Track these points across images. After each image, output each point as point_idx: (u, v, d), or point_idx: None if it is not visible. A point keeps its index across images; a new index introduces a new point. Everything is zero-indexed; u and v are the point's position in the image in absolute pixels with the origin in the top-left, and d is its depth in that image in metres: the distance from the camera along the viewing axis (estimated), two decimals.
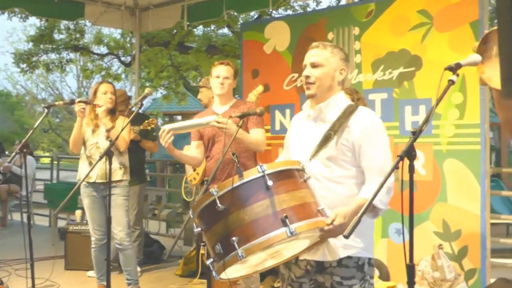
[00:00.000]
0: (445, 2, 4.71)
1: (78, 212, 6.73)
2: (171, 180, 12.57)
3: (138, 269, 6.05)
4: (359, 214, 1.96)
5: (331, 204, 2.48)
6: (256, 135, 4.05)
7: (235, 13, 7.60)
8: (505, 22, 1.44)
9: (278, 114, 5.81)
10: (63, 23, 11.71)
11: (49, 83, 29.62)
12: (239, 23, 10.79)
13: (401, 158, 2.01)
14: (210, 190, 2.30)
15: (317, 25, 5.50)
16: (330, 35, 5.39)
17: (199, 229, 2.36)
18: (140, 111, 5.75)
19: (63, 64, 12.48)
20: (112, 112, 4.88)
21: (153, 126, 5.75)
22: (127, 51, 12.42)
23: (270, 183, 2.25)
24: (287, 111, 5.71)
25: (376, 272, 4.84)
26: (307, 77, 2.67)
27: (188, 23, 7.21)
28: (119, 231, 4.84)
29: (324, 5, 10.42)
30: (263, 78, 5.85)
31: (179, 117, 21.93)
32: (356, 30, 5.22)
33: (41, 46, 11.78)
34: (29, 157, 9.72)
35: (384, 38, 5.02)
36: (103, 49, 13.10)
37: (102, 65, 13.10)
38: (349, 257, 2.57)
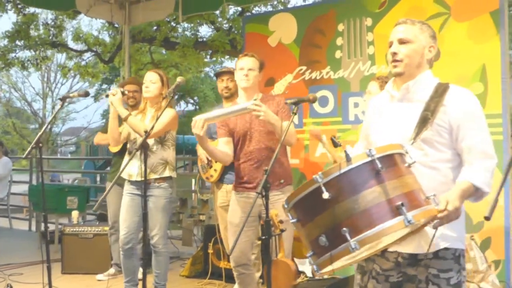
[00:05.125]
0: None
1: (74, 213, 6.46)
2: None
3: (141, 270, 5.83)
4: (496, 195, 1.85)
5: (425, 190, 2.36)
6: (290, 127, 3.89)
7: (234, 6, 7.45)
8: None
9: None
10: (41, 19, 11.39)
11: (11, 83, 28.77)
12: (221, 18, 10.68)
13: None
14: (314, 177, 2.12)
15: (326, 16, 5.39)
16: (341, 27, 5.29)
17: (295, 220, 2.19)
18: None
19: (38, 62, 12.07)
20: (157, 102, 4.54)
21: None
22: (107, 48, 12.09)
23: (381, 167, 2.09)
24: None
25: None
26: (394, 53, 2.52)
27: (182, 16, 6.99)
28: (155, 234, 4.47)
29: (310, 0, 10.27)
30: (268, 72, 5.67)
31: None
32: (368, 21, 5.13)
33: (17, 43, 11.38)
34: (5, 158, 9.32)
35: None
36: (81, 46, 12.71)
37: (79, 62, 12.73)
38: (446, 249, 2.44)
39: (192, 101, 30.24)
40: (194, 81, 26.10)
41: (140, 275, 5.72)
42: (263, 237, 2.61)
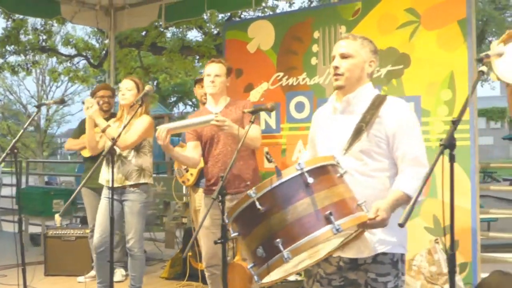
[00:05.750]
0: (432, 1, 4.77)
1: (57, 217, 6.55)
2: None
3: (124, 272, 5.95)
4: (412, 202, 1.96)
5: (363, 199, 2.47)
6: (253, 132, 4.02)
7: (216, 13, 7.56)
8: None
9: (263, 114, 5.77)
10: (30, 24, 11.46)
11: (6, 86, 28.84)
12: (209, 23, 10.77)
13: (445, 147, 2.01)
14: (248, 192, 2.24)
15: (303, 24, 5.50)
16: (316, 34, 5.40)
17: (236, 233, 2.31)
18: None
19: (29, 66, 12.17)
20: (132, 109, 4.63)
21: None
22: (96, 52, 12.19)
23: (310, 180, 2.21)
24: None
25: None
26: (336, 68, 2.64)
27: (166, 23, 7.11)
28: (131, 238, 4.61)
29: (296, 6, 10.41)
30: (247, 78, 5.82)
31: None
32: (342, 29, 5.25)
33: (7, 48, 11.46)
34: None
35: (371, 37, 4.90)
36: (71, 51, 12.81)
37: (70, 67, 12.81)
38: (384, 254, 2.55)
39: (190, 103, 30.46)
40: (192, 84, 26.21)
41: (120, 277, 5.87)
42: (219, 241, 2.71)
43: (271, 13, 11.20)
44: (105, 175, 4.60)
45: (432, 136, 4.75)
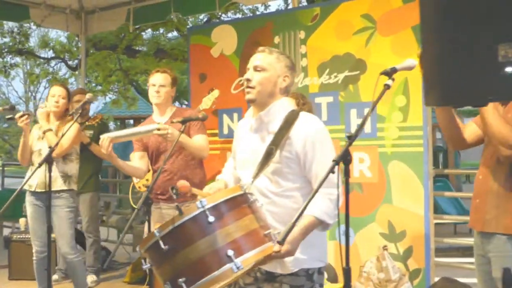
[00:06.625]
0: (388, 7, 4.78)
1: (22, 220, 6.54)
2: (121, 185, 12.37)
3: (95, 278, 5.96)
4: (293, 220, 1.95)
5: (280, 219, 2.47)
6: (199, 141, 4.02)
7: (181, 16, 7.54)
8: (428, 31, 1.47)
9: (226, 118, 5.79)
10: (7, 26, 11.42)
11: None
12: (188, 26, 10.76)
13: (336, 163, 2.01)
14: (153, 231, 2.23)
15: (263, 29, 5.51)
16: (277, 39, 5.41)
17: (149, 265, 2.30)
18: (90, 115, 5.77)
19: (7, 69, 12.13)
20: (63, 116, 4.70)
21: (98, 121, 5.85)
22: (74, 55, 12.17)
23: (211, 218, 2.18)
24: (235, 115, 5.70)
25: (325, 275, 4.88)
26: (248, 80, 2.62)
27: (137, 26, 7.12)
28: (62, 244, 4.64)
29: (272, 8, 10.44)
30: (211, 82, 5.81)
31: (131, 121, 21.66)
32: (302, 34, 5.25)
33: None
34: None
35: (329, 42, 5.07)
36: (50, 53, 12.78)
37: (48, 69, 12.78)
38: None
39: (186, 102, 30.54)
40: (187, 83, 26.24)
41: (89, 283, 5.88)
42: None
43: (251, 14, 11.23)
44: (29, 180, 4.58)
45: (387, 142, 4.76)
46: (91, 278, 6.00)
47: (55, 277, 5.84)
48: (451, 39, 1.55)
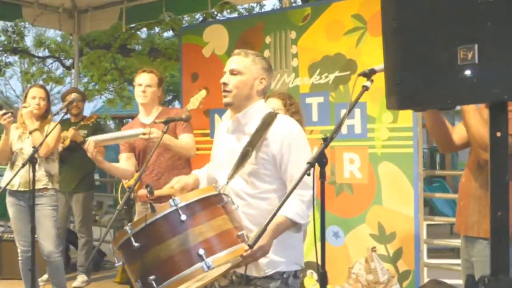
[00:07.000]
0: (378, 7, 4.69)
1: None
2: (118, 185, 12.33)
3: (85, 278, 5.95)
4: (264, 224, 1.93)
5: (255, 221, 2.45)
6: (185, 141, 4.00)
7: (173, 15, 7.52)
8: (388, 33, 1.45)
9: (217, 118, 5.76)
10: (1, 25, 11.38)
11: None
12: (183, 26, 10.74)
13: (311, 165, 1.98)
14: (125, 228, 2.22)
15: (255, 29, 5.49)
16: (268, 39, 5.38)
17: (121, 263, 2.28)
18: (88, 114, 5.76)
19: (2, 67, 12.11)
20: (43, 118, 4.71)
21: (93, 121, 5.79)
22: (69, 54, 12.14)
23: (183, 217, 2.16)
24: None
25: (314, 276, 4.86)
26: (225, 84, 2.59)
27: (131, 25, 7.10)
28: (46, 242, 4.63)
29: (268, 8, 10.43)
30: (203, 82, 5.78)
31: (130, 120, 21.64)
32: (293, 34, 5.23)
33: None
34: None
35: (320, 42, 5.05)
36: (44, 52, 12.74)
37: (43, 68, 12.75)
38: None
39: None
40: None
41: (79, 283, 5.87)
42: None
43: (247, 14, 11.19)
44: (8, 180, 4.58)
45: (377, 142, 4.74)
46: (81, 278, 5.98)
47: (44, 276, 5.81)
48: (410, 41, 1.52)
